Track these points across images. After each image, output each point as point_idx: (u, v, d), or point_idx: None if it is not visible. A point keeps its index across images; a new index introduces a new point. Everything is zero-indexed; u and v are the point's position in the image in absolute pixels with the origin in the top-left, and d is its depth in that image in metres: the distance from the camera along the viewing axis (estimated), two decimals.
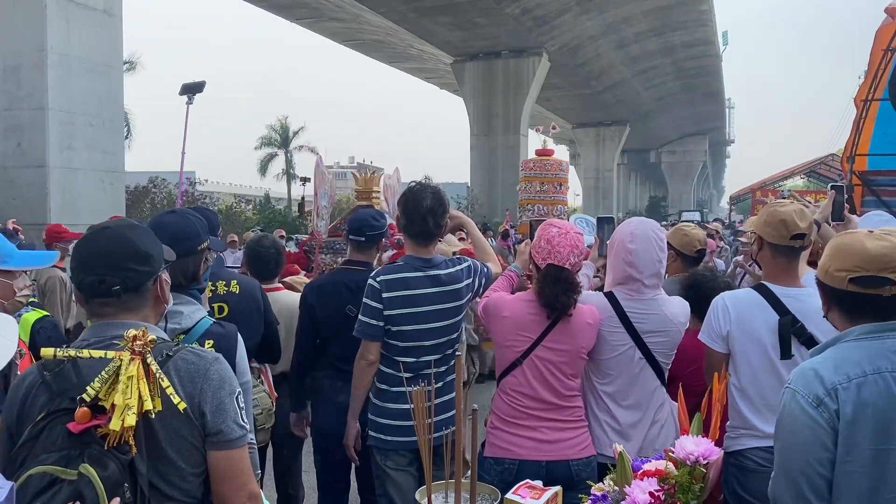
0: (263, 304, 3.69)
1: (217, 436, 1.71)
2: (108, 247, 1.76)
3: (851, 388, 1.77)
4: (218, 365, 1.75)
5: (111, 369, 1.57)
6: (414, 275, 3.15)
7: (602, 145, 52.10)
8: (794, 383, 1.86)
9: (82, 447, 1.52)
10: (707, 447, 1.63)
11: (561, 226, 2.91)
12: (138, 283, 1.77)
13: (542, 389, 2.80)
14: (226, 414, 1.71)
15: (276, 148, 48.53)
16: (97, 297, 1.75)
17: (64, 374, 1.64)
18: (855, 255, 1.82)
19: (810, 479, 1.80)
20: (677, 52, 38.23)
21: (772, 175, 23.36)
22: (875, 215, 4.31)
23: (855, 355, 1.82)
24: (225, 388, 1.73)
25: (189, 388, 1.68)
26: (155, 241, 1.87)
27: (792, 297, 2.68)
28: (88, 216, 11.73)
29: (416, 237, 3.20)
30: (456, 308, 3.21)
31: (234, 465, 1.73)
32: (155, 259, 1.83)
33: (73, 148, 11.78)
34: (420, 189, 3.23)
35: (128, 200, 16.71)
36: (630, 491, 1.59)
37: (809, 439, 1.79)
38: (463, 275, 3.25)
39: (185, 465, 1.68)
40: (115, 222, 1.88)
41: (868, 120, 7.70)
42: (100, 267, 1.73)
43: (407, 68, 39.58)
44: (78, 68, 11.78)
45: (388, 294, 3.10)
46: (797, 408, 1.82)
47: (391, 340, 3.15)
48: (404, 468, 3.16)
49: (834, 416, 1.78)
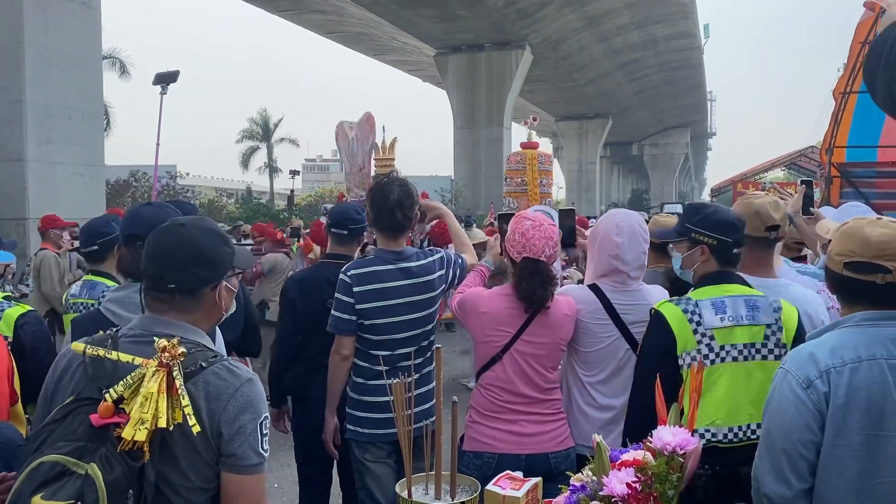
0: (244, 297, 3.67)
1: (230, 458, 1.66)
2: (174, 244, 1.74)
3: (845, 371, 1.80)
4: (249, 387, 1.70)
5: (137, 375, 1.55)
6: (385, 268, 3.15)
7: (585, 138, 52.25)
8: (788, 364, 1.90)
9: (98, 443, 1.50)
10: (684, 437, 1.64)
11: (534, 218, 2.91)
12: (195, 287, 1.75)
13: (521, 383, 2.81)
14: (243, 438, 1.66)
15: (257, 141, 48.18)
16: (154, 290, 1.75)
17: (101, 360, 1.63)
18: (852, 241, 1.86)
19: (792, 459, 1.83)
20: (659, 44, 38.36)
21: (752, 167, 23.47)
22: (852, 206, 4.34)
23: (852, 340, 1.85)
24: (249, 412, 1.67)
25: (213, 405, 1.64)
26: (224, 248, 1.82)
27: (767, 287, 2.70)
28: (68, 210, 11.56)
29: (385, 230, 3.20)
30: (429, 300, 3.21)
31: (243, 490, 1.68)
32: (219, 266, 1.80)
33: (51, 141, 11.62)
34: (388, 182, 3.24)
35: (108, 194, 16.55)
36: (608, 481, 1.60)
37: (795, 419, 1.83)
38: (435, 266, 3.25)
39: (195, 479, 1.65)
40: (193, 219, 1.84)
41: (846, 112, 7.76)
42: (161, 262, 1.73)
43: (390, 61, 39.46)
44: (56, 61, 11.61)
45: (359, 288, 3.10)
46: (787, 388, 1.86)
47: (365, 334, 3.15)
48: (383, 460, 3.16)
49: (822, 399, 1.81)
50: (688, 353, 2.35)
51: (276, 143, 48.74)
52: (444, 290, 3.32)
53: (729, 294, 2.44)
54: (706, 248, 2.53)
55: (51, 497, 1.43)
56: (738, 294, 2.45)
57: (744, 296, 2.45)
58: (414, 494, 1.94)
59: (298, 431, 3.86)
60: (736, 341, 2.38)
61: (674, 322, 2.37)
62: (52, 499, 1.43)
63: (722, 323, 2.37)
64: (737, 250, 2.53)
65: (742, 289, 2.49)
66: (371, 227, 3.35)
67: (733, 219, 2.56)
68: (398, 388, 2.02)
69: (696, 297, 2.44)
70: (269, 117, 48.67)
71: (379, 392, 3.07)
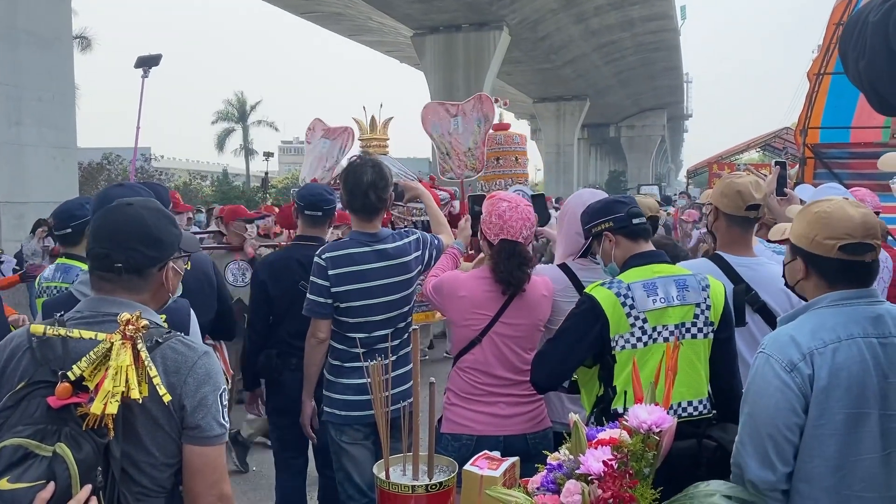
0: (217, 280, 3.63)
1: (194, 430, 1.69)
2: (121, 223, 1.74)
3: (827, 352, 1.83)
4: (207, 359, 1.73)
5: (100, 350, 1.55)
6: (360, 250, 3.13)
7: (562, 120, 52.24)
8: (768, 348, 1.90)
9: (59, 424, 1.50)
10: (660, 415, 1.65)
11: (511, 199, 2.89)
12: (142, 266, 1.75)
13: (499, 366, 2.82)
14: (206, 410, 1.69)
15: (233, 123, 47.71)
16: (99, 270, 1.75)
17: (50, 343, 1.62)
18: (843, 223, 1.86)
19: (777, 443, 1.84)
20: (636, 26, 38.37)
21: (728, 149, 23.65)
22: (829, 188, 4.39)
23: (829, 321, 1.87)
24: (209, 384, 1.71)
25: (173, 379, 1.66)
26: (171, 229, 1.83)
27: (746, 265, 2.74)
28: (39, 193, 11.41)
29: (359, 212, 3.18)
30: (405, 281, 3.20)
31: (207, 462, 1.71)
32: (166, 246, 1.80)
33: (21, 123, 11.41)
34: (360, 164, 3.21)
35: (81, 178, 16.32)
36: (584, 460, 1.61)
37: (780, 403, 1.84)
38: (411, 247, 3.24)
39: (158, 454, 1.67)
40: (140, 201, 1.84)
41: (820, 94, 7.82)
42: (107, 241, 1.73)
43: (367, 41, 39.10)
44: (25, 41, 11.38)
45: (334, 271, 3.09)
46: (770, 372, 1.86)
47: (341, 317, 3.14)
48: (360, 442, 3.16)
49: (806, 381, 1.82)
50: (620, 336, 2.35)
51: (254, 125, 48.31)
52: (421, 272, 3.31)
53: (659, 275, 2.43)
54: (609, 233, 2.54)
55: (17, 480, 1.42)
56: (667, 274, 2.44)
57: (673, 276, 2.44)
58: (392, 475, 1.95)
59: (272, 414, 3.85)
60: (667, 322, 2.37)
61: (607, 306, 2.35)
62: (18, 481, 1.42)
63: (654, 305, 2.36)
64: (637, 221, 2.51)
65: (671, 269, 2.49)
66: (345, 209, 3.33)
67: (611, 199, 2.64)
68: (376, 369, 2.03)
69: (627, 280, 2.42)
70: (246, 100, 48.19)
71: (355, 374, 3.07)
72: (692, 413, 2.36)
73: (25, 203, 11.29)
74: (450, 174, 6.06)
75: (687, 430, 2.19)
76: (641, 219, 2.53)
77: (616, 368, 2.35)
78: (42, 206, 11.01)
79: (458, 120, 5.99)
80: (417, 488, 1.88)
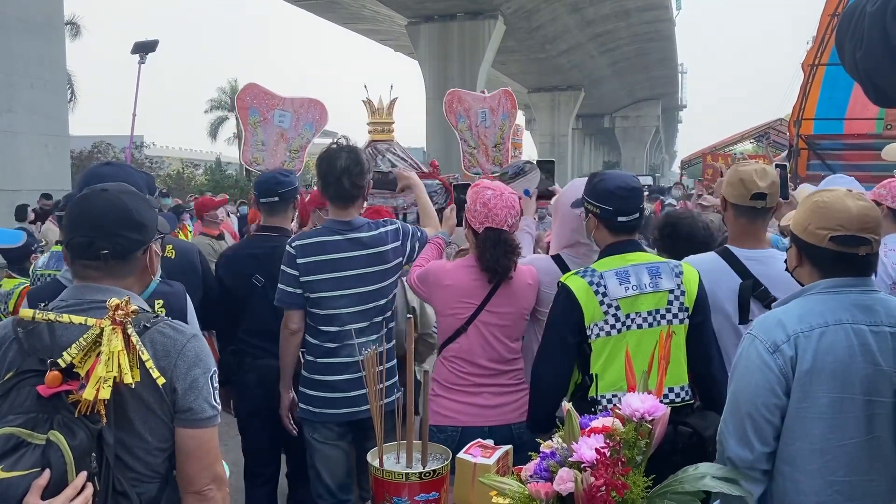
0: (203, 269, 3.53)
1: (186, 413, 1.68)
2: (101, 209, 1.72)
3: (813, 336, 1.84)
4: (195, 342, 1.73)
5: (90, 336, 1.55)
6: (331, 238, 3.03)
7: (557, 110, 52.21)
8: (756, 330, 1.93)
9: (51, 412, 1.49)
10: (652, 404, 1.66)
11: (495, 188, 2.85)
12: (127, 251, 1.73)
13: (484, 355, 2.79)
14: (198, 392, 1.69)
15: (226, 111, 47.39)
16: (83, 258, 1.72)
17: (37, 332, 1.61)
18: (837, 215, 1.86)
19: (756, 422, 1.87)
20: (631, 16, 38.31)
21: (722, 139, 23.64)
22: (839, 178, 4.38)
23: (819, 307, 1.88)
24: (199, 366, 1.71)
25: (163, 363, 1.66)
26: (151, 211, 1.82)
27: (755, 259, 2.67)
28: (32, 181, 11.36)
29: (333, 199, 3.08)
30: (382, 272, 3.08)
31: (201, 444, 1.71)
32: (148, 229, 1.79)
33: (13, 111, 11.36)
34: (335, 149, 3.10)
35: (73, 167, 16.23)
36: (577, 447, 1.61)
37: (761, 383, 1.86)
38: (388, 237, 3.11)
39: (151, 439, 1.67)
40: (115, 185, 1.82)
41: (814, 85, 7.85)
42: (90, 229, 1.70)
43: (361, 30, 38.93)
44: (16, 28, 11.31)
45: (303, 260, 2.99)
46: (754, 352, 1.89)
47: (312, 308, 3.04)
48: (332, 442, 3.08)
49: (788, 364, 1.84)
50: (595, 324, 2.36)
51: None
52: (401, 264, 3.18)
53: (632, 263, 2.44)
54: (593, 217, 2.54)
55: (11, 468, 1.42)
56: (640, 262, 2.45)
57: (646, 263, 2.45)
58: (385, 463, 1.95)
59: (238, 416, 3.62)
60: (640, 309, 2.39)
61: (580, 294, 2.36)
62: (12, 469, 1.42)
63: (626, 293, 2.37)
64: (623, 219, 2.47)
65: (645, 256, 2.49)
66: (322, 197, 3.22)
67: (615, 187, 2.49)
68: (369, 360, 2.02)
69: (600, 269, 2.42)
70: (238, 88, 47.81)
71: (329, 371, 3.00)
72: (674, 400, 2.36)
73: (17, 191, 11.24)
74: (475, 168, 5.97)
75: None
76: (630, 217, 2.50)
77: (592, 357, 2.38)
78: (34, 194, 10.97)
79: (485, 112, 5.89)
80: (411, 476, 1.88)
